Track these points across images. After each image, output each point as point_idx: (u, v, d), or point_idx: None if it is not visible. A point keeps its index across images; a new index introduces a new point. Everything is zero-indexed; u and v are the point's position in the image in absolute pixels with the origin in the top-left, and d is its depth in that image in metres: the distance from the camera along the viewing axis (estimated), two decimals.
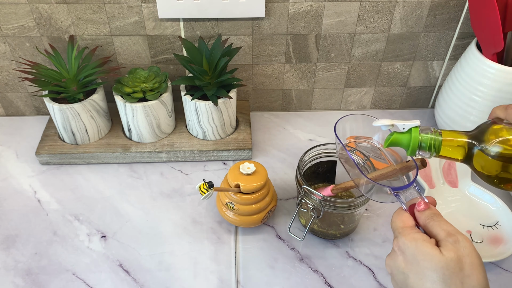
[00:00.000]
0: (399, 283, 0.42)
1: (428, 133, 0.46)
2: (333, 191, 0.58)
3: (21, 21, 0.72)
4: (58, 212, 0.67)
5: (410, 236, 0.42)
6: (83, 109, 0.71)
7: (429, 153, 0.46)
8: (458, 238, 0.40)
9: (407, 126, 0.46)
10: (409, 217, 0.44)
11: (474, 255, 0.40)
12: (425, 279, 0.39)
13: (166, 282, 0.59)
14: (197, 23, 0.74)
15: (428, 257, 0.40)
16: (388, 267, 0.44)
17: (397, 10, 0.74)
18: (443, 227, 0.42)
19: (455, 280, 0.38)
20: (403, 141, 0.47)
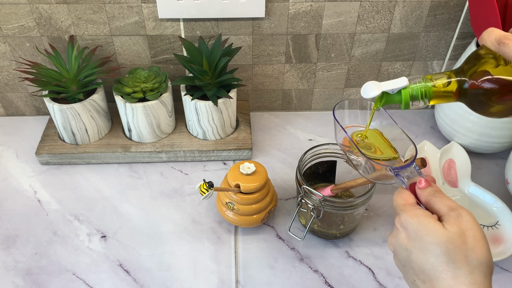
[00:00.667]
0: (402, 260, 0.42)
1: (417, 83, 0.45)
2: (333, 191, 0.58)
3: (21, 21, 0.72)
4: (58, 212, 0.67)
5: (412, 213, 0.42)
6: (83, 109, 0.71)
7: (422, 101, 0.46)
8: (461, 212, 0.40)
9: (396, 90, 0.46)
10: (410, 195, 0.44)
11: (476, 228, 0.40)
12: (428, 253, 0.39)
13: (166, 282, 0.59)
14: (197, 23, 0.74)
15: (431, 232, 0.40)
16: (391, 245, 0.44)
17: (397, 10, 0.74)
18: (445, 202, 0.42)
19: (459, 253, 0.38)
20: (395, 99, 0.47)
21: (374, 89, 0.46)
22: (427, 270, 0.40)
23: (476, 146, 0.74)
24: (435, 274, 0.39)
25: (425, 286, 0.40)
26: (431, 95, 0.45)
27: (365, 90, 0.47)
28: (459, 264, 0.38)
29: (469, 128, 0.72)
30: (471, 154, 0.74)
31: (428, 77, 0.45)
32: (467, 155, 0.72)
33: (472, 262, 0.38)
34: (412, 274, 0.41)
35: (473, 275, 0.38)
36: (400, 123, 0.85)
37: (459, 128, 0.74)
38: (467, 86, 0.44)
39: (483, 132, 0.71)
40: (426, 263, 0.40)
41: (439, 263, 0.39)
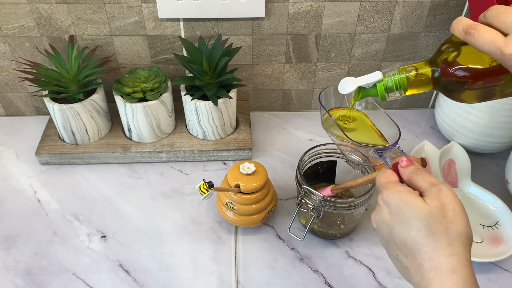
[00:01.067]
0: (385, 236, 0.43)
1: (391, 75, 0.47)
2: (333, 191, 0.58)
3: (21, 21, 0.72)
4: (58, 212, 0.67)
5: (393, 189, 0.43)
6: (83, 109, 0.71)
7: (398, 92, 0.47)
8: (441, 187, 0.41)
9: (371, 84, 0.47)
10: (393, 173, 0.45)
11: (456, 202, 0.41)
12: (410, 227, 0.40)
13: (166, 282, 0.59)
14: (197, 23, 0.74)
15: (412, 206, 0.41)
16: (374, 222, 0.45)
17: (397, 10, 0.74)
18: (426, 179, 0.43)
19: (439, 226, 0.39)
20: (371, 93, 0.48)
21: (350, 84, 0.47)
22: (409, 243, 0.40)
23: (476, 146, 0.74)
24: (417, 247, 0.40)
25: (407, 260, 0.41)
26: (405, 85, 0.46)
27: (342, 86, 0.48)
28: (439, 236, 0.39)
29: (469, 128, 0.72)
30: (471, 154, 0.74)
31: (402, 68, 0.47)
32: (467, 155, 0.72)
33: (451, 234, 0.39)
34: (395, 249, 0.42)
35: (452, 246, 0.39)
36: (400, 123, 0.85)
37: (459, 128, 0.74)
38: (438, 74, 0.45)
39: (483, 132, 0.71)
40: (408, 237, 0.40)
41: (420, 236, 0.40)
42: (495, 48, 0.38)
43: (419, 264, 0.39)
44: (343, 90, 0.48)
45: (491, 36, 0.38)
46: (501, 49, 0.37)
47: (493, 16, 0.39)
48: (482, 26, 0.39)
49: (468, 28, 0.40)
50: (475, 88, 0.44)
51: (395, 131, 0.52)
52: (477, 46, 0.39)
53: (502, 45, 0.37)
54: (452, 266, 0.38)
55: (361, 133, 0.56)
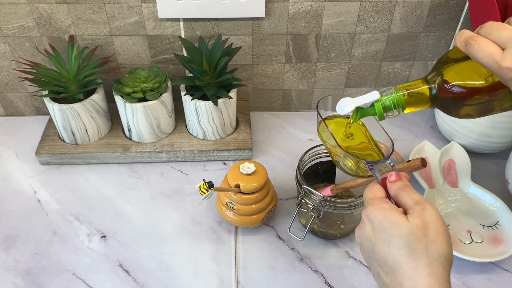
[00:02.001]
0: (367, 252, 0.43)
1: (388, 95, 0.47)
2: (333, 191, 0.58)
3: (21, 21, 0.72)
4: (58, 212, 0.67)
5: (378, 206, 0.43)
6: (83, 109, 0.71)
7: (396, 111, 0.47)
8: (425, 206, 0.41)
9: (368, 104, 0.48)
10: (380, 189, 0.45)
11: (439, 222, 0.41)
12: (391, 245, 0.41)
13: (166, 282, 0.59)
14: (197, 23, 0.74)
15: (394, 224, 0.41)
16: (357, 237, 0.45)
17: (397, 10, 0.74)
18: (412, 196, 0.43)
19: (420, 245, 0.40)
20: (370, 112, 0.49)
21: (348, 105, 0.48)
22: (389, 261, 0.41)
23: (476, 146, 0.74)
24: (397, 265, 0.40)
25: (388, 277, 0.41)
26: (403, 104, 0.46)
27: (340, 107, 0.49)
28: (419, 255, 0.39)
29: (469, 128, 0.72)
30: (471, 154, 0.74)
31: (399, 87, 0.47)
32: (467, 155, 0.73)
33: (432, 254, 0.40)
34: (376, 266, 0.42)
35: (431, 266, 0.39)
36: (400, 123, 0.85)
37: (459, 128, 0.74)
38: (435, 92, 0.45)
39: (483, 132, 0.71)
40: (389, 255, 0.41)
41: (401, 255, 0.40)
42: (493, 61, 0.38)
43: (399, 282, 0.40)
44: (341, 111, 0.48)
45: (490, 49, 0.39)
46: (499, 63, 0.38)
47: (487, 33, 0.40)
48: (482, 39, 0.40)
49: (469, 39, 0.40)
50: (473, 104, 0.44)
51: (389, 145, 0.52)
52: (476, 58, 0.40)
53: (499, 59, 0.38)
54: (430, 286, 0.38)
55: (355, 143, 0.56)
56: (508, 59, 0.37)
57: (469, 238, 0.64)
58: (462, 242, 0.63)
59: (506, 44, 0.38)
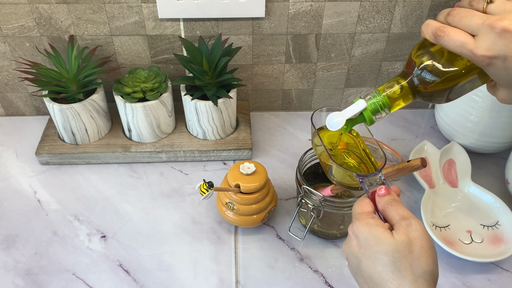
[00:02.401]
0: (354, 267, 0.43)
1: (372, 99, 0.47)
2: (333, 191, 0.58)
3: (21, 21, 0.72)
4: (58, 212, 0.67)
5: (364, 221, 0.43)
6: (83, 109, 0.71)
7: (384, 113, 0.48)
8: (411, 222, 0.41)
9: (357, 113, 0.48)
10: (368, 204, 0.45)
11: (424, 238, 0.40)
12: (376, 262, 0.40)
13: (166, 282, 0.59)
14: (197, 23, 0.74)
15: (379, 241, 0.41)
16: (344, 252, 0.45)
17: (397, 10, 0.74)
18: (399, 211, 0.42)
19: (405, 262, 0.39)
20: (359, 120, 0.49)
21: (339, 120, 0.48)
22: (375, 278, 0.40)
23: (476, 146, 0.74)
24: (382, 283, 0.40)
25: None
26: (389, 104, 0.47)
27: (330, 123, 0.48)
28: (404, 273, 0.39)
29: (469, 128, 0.72)
30: (471, 154, 0.74)
31: (380, 89, 0.47)
32: (467, 155, 0.73)
33: (416, 271, 0.39)
34: (363, 282, 0.42)
35: (416, 283, 0.39)
36: (400, 123, 0.85)
37: (459, 128, 0.74)
38: (414, 84, 0.45)
39: (483, 132, 0.71)
40: (374, 272, 0.40)
41: (386, 272, 0.40)
42: (466, 50, 0.39)
43: None
44: (332, 127, 0.48)
45: (461, 39, 0.39)
46: (473, 51, 0.38)
47: (456, 20, 0.40)
48: (451, 28, 0.40)
49: (437, 31, 0.40)
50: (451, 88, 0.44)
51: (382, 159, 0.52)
52: (448, 48, 0.40)
53: (473, 47, 0.38)
54: None
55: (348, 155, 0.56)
56: (482, 46, 0.38)
57: (469, 238, 0.64)
58: (462, 242, 0.63)
59: (477, 31, 0.38)
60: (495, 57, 0.38)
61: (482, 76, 0.43)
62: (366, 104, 0.47)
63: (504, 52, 0.37)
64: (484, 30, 0.37)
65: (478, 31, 0.38)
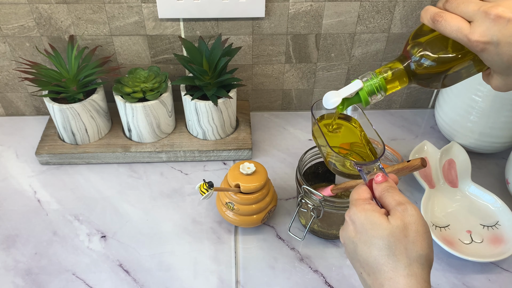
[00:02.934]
0: (350, 252, 0.44)
1: (369, 80, 0.48)
2: (333, 191, 0.58)
3: (21, 21, 0.72)
4: (58, 212, 0.67)
5: (360, 207, 0.43)
6: (83, 109, 0.71)
7: (380, 94, 0.48)
8: (407, 207, 0.42)
9: (354, 93, 0.49)
10: (365, 190, 0.46)
11: (420, 223, 0.41)
12: (372, 246, 0.41)
13: (166, 282, 0.59)
14: (197, 23, 0.74)
15: (375, 225, 0.41)
16: (341, 237, 0.46)
17: (397, 10, 0.74)
18: (395, 197, 0.43)
19: (400, 246, 0.40)
20: (355, 101, 0.49)
21: (335, 98, 0.48)
22: (371, 263, 0.41)
23: (476, 146, 0.74)
24: (378, 266, 0.40)
25: (370, 278, 0.41)
26: (385, 86, 0.47)
27: (326, 101, 0.49)
28: (399, 256, 0.40)
29: (469, 128, 0.72)
30: (471, 154, 0.74)
31: (377, 71, 0.48)
32: (467, 155, 0.72)
33: (411, 255, 0.40)
34: (359, 267, 0.43)
35: (411, 267, 0.39)
36: (400, 123, 0.85)
37: (459, 128, 0.74)
38: (411, 68, 0.46)
39: (483, 132, 0.71)
40: (370, 256, 0.41)
41: (381, 256, 0.40)
42: (462, 35, 0.40)
43: (380, 284, 0.40)
44: (328, 105, 0.49)
45: (457, 24, 0.40)
46: (468, 37, 0.39)
47: (454, 7, 0.41)
48: (448, 14, 0.41)
49: (435, 16, 0.42)
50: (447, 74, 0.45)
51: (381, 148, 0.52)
52: (445, 33, 0.41)
53: (468, 32, 0.39)
54: (409, 287, 0.39)
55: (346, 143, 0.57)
56: (476, 32, 0.39)
57: (469, 238, 0.64)
58: (462, 242, 0.63)
59: (472, 17, 0.39)
60: (488, 42, 0.39)
61: (478, 64, 0.44)
62: (363, 85, 0.47)
63: (497, 38, 0.38)
64: (479, 16, 0.39)
65: (474, 17, 0.39)
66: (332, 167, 0.55)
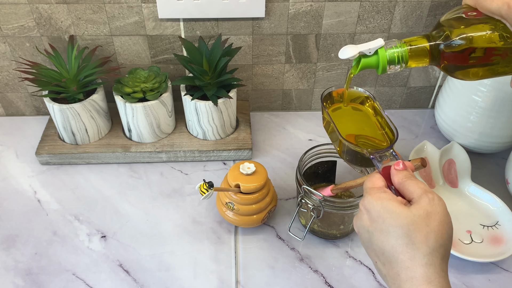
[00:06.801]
0: (365, 241, 0.43)
1: (393, 48, 0.46)
2: (333, 191, 0.58)
3: (21, 21, 0.72)
4: (58, 212, 0.67)
5: (376, 196, 0.42)
6: (83, 109, 0.71)
7: (399, 65, 0.46)
8: (434, 197, 0.41)
9: (373, 50, 0.46)
10: (380, 178, 0.45)
11: (445, 214, 0.40)
12: (389, 235, 0.40)
13: (166, 282, 0.59)
14: (197, 23, 0.74)
15: (393, 214, 0.40)
16: (355, 226, 0.45)
17: (397, 10, 0.74)
18: (420, 185, 0.42)
19: (420, 234, 0.39)
20: (372, 63, 0.47)
21: (352, 50, 0.46)
22: (387, 252, 0.40)
23: (476, 146, 0.74)
24: (394, 255, 0.40)
25: (385, 268, 0.41)
26: (407, 58, 0.46)
27: (342, 52, 0.47)
28: (419, 245, 0.39)
29: (469, 128, 0.72)
30: (471, 154, 0.74)
31: (406, 40, 0.46)
32: (467, 155, 0.72)
33: (431, 244, 0.39)
34: (374, 256, 0.42)
35: (430, 256, 0.38)
36: (400, 123, 0.85)
37: (459, 128, 0.74)
38: (439, 48, 0.45)
39: (483, 132, 0.71)
40: (387, 245, 0.40)
41: (399, 245, 0.39)
42: (502, 3, 0.39)
43: (396, 273, 0.39)
44: (343, 55, 0.46)
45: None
46: (509, 3, 0.39)
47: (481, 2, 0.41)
48: None
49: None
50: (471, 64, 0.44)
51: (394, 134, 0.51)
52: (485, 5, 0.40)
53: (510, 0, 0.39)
54: (428, 276, 0.38)
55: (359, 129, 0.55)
56: None
57: (469, 238, 0.64)
58: (462, 242, 0.63)
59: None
60: None
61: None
62: (383, 43, 0.45)
63: None
64: None
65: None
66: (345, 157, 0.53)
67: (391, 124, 0.51)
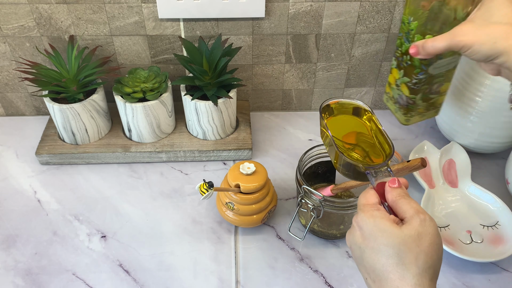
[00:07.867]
0: (357, 257, 0.43)
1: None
2: (333, 191, 0.58)
3: (21, 21, 0.72)
4: (58, 212, 0.67)
5: (369, 213, 0.42)
6: (83, 109, 0.71)
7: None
8: (426, 217, 0.41)
9: None
10: (374, 195, 0.45)
11: (436, 235, 0.40)
12: (380, 254, 0.40)
13: (166, 282, 0.59)
14: (197, 23, 0.74)
15: (385, 233, 0.40)
16: (348, 241, 0.45)
17: (397, 10, 0.74)
18: (413, 205, 0.42)
19: (410, 255, 0.39)
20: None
21: None
22: (377, 270, 0.40)
23: (476, 146, 0.74)
24: (384, 274, 0.40)
25: (375, 285, 0.41)
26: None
27: None
28: (408, 265, 0.39)
29: (469, 128, 0.72)
30: (471, 154, 0.74)
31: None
32: (467, 155, 0.73)
33: (421, 265, 0.39)
34: (364, 272, 0.43)
35: (419, 277, 0.39)
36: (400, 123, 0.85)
37: (459, 128, 0.74)
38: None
39: (483, 132, 0.71)
40: (377, 263, 0.40)
41: (389, 264, 0.40)
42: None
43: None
44: None
45: None
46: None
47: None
48: None
49: None
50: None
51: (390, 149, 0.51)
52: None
53: None
54: None
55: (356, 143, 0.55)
56: None
57: (469, 238, 0.64)
58: (462, 242, 0.63)
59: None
60: None
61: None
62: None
63: None
64: None
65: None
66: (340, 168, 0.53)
67: (388, 139, 0.52)
